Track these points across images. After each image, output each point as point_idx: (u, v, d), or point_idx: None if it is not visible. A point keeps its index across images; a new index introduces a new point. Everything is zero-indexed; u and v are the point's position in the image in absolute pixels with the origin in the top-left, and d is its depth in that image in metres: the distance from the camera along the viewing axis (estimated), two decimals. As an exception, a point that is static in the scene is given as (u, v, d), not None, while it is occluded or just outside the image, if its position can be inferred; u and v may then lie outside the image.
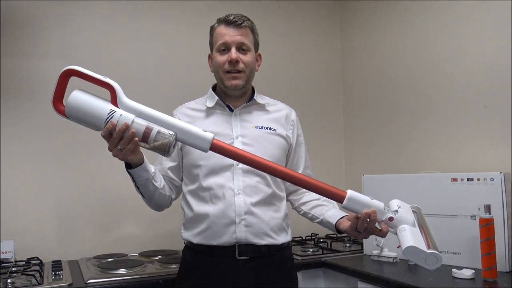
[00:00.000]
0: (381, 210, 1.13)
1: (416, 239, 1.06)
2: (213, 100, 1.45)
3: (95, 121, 1.10)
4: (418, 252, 1.03)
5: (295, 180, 1.17)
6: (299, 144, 1.55)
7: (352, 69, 2.63)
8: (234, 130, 1.42)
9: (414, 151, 2.15)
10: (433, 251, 1.03)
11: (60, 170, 2.03)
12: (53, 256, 1.94)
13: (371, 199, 1.15)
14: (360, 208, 1.14)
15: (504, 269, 1.58)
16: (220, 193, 1.36)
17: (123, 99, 1.12)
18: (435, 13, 2.04)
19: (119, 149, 1.12)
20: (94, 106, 1.10)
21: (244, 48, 1.40)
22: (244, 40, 1.39)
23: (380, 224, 1.15)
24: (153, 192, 1.35)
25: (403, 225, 1.11)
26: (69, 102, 1.09)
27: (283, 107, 1.55)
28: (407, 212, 1.15)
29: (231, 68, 1.38)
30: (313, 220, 1.49)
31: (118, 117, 1.09)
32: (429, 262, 1.03)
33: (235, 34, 1.38)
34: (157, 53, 2.26)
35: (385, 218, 1.13)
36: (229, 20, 1.39)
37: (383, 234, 1.16)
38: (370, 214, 1.12)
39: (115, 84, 1.12)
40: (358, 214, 1.15)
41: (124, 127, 1.08)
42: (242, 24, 1.39)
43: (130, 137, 1.09)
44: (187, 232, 1.42)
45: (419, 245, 1.04)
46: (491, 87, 1.80)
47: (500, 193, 1.60)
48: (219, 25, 1.42)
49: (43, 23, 2.05)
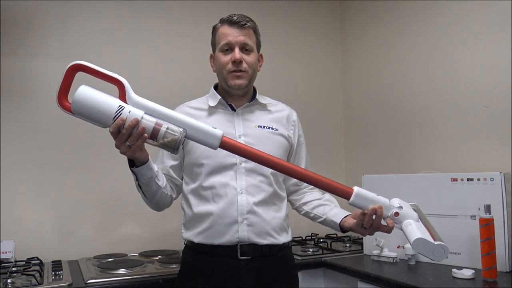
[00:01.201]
0: (387, 205, 1.15)
1: (423, 232, 1.08)
2: (215, 99, 1.45)
3: (102, 118, 1.08)
4: (426, 244, 1.05)
5: (304, 177, 1.18)
6: (300, 144, 1.55)
7: (352, 69, 2.63)
8: (237, 129, 1.42)
9: (414, 151, 2.15)
10: (440, 243, 1.06)
11: (60, 170, 2.03)
12: (53, 256, 1.94)
13: (377, 195, 1.16)
14: (366, 204, 1.15)
15: (504, 269, 1.58)
16: (223, 192, 1.36)
17: (131, 95, 1.10)
18: (435, 12, 2.04)
19: (127, 146, 1.10)
20: (103, 102, 1.07)
21: (248, 48, 1.40)
22: (247, 40, 1.40)
23: (386, 220, 1.16)
24: (155, 191, 1.34)
25: (408, 220, 1.13)
26: (76, 98, 1.06)
27: (284, 107, 1.55)
28: (409, 208, 1.17)
29: (235, 68, 1.39)
30: (316, 219, 1.49)
31: (127, 113, 1.07)
32: (436, 253, 1.05)
33: (239, 34, 1.39)
34: (157, 53, 2.26)
35: (391, 213, 1.15)
36: (233, 21, 1.39)
37: (388, 230, 1.17)
38: (376, 210, 1.14)
39: (124, 80, 1.10)
40: (365, 210, 1.16)
41: (134, 123, 1.07)
42: (246, 24, 1.40)
43: (139, 133, 1.07)
44: (188, 232, 1.41)
45: (426, 237, 1.06)
46: (491, 87, 1.80)
47: (500, 193, 1.61)
48: (222, 25, 1.42)
49: (43, 23, 2.05)
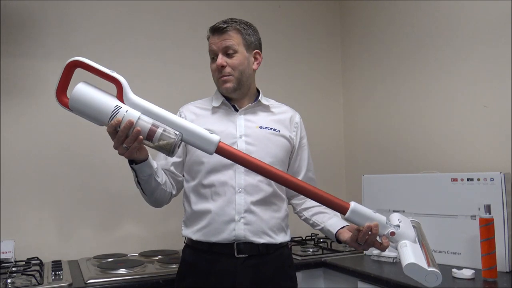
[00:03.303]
0: (383, 224, 1.13)
1: (417, 256, 1.05)
2: (219, 100, 1.47)
3: (99, 116, 1.07)
4: (419, 269, 1.02)
5: (298, 188, 1.16)
6: (302, 146, 1.55)
7: (352, 68, 2.63)
8: (238, 130, 1.42)
9: (414, 151, 2.15)
10: (433, 269, 1.02)
11: (60, 170, 2.03)
12: (53, 256, 1.94)
13: (374, 212, 1.14)
14: (362, 221, 1.13)
15: (504, 269, 1.58)
16: (221, 190, 1.37)
17: (129, 95, 1.09)
18: (435, 11, 2.04)
19: (125, 148, 1.10)
20: (99, 101, 1.06)
21: (230, 52, 1.40)
22: (228, 43, 1.40)
23: (381, 238, 1.15)
24: (155, 188, 1.34)
25: (404, 240, 1.10)
26: (74, 95, 1.06)
27: (288, 109, 1.56)
28: (408, 227, 1.15)
29: (220, 74, 1.41)
30: (314, 227, 1.50)
31: (124, 114, 1.06)
32: (428, 279, 1.03)
33: (219, 40, 1.40)
34: (158, 53, 2.25)
35: (387, 232, 1.12)
36: (214, 28, 1.42)
37: (383, 248, 1.15)
38: (372, 228, 1.12)
39: (122, 79, 1.09)
40: (360, 227, 1.15)
41: (129, 125, 1.06)
42: (226, 28, 1.40)
43: (135, 136, 1.07)
44: (187, 229, 1.43)
45: (420, 262, 1.03)
46: (491, 87, 1.80)
47: (500, 193, 1.61)
48: (209, 34, 1.45)
49: (43, 23, 2.05)
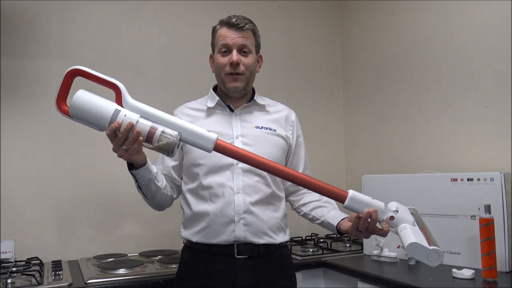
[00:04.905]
0: (382, 209, 1.14)
1: (417, 236, 1.07)
2: (213, 100, 1.46)
3: (99, 121, 1.10)
4: (420, 248, 1.04)
5: (297, 180, 1.17)
6: (299, 145, 1.55)
7: (352, 68, 2.63)
8: (235, 130, 1.42)
9: (414, 151, 2.15)
10: (434, 247, 1.05)
11: (60, 170, 2.03)
12: (53, 256, 1.94)
13: (372, 199, 1.16)
14: (361, 207, 1.15)
15: (504, 269, 1.58)
16: (219, 192, 1.36)
17: (128, 99, 1.13)
18: (435, 12, 2.04)
19: (124, 150, 1.12)
20: (99, 106, 1.09)
21: (246, 50, 1.40)
22: (245, 42, 1.40)
23: (381, 224, 1.16)
24: (155, 192, 1.35)
25: (403, 224, 1.12)
26: (74, 102, 1.09)
27: (283, 108, 1.55)
28: (406, 212, 1.16)
29: (232, 70, 1.39)
30: (314, 221, 1.49)
31: (123, 117, 1.09)
32: (431, 258, 1.05)
33: (237, 36, 1.39)
34: (158, 53, 2.26)
35: (386, 217, 1.14)
36: (231, 23, 1.39)
37: (384, 233, 1.16)
38: (371, 213, 1.13)
39: (120, 84, 1.13)
40: (360, 214, 1.15)
41: (129, 127, 1.08)
42: (244, 26, 1.40)
43: (135, 137, 1.09)
44: (186, 231, 1.42)
45: (421, 241, 1.05)
46: (491, 87, 1.80)
47: (500, 193, 1.61)
48: (221, 26, 1.42)
49: (43, 23, 2.05)
